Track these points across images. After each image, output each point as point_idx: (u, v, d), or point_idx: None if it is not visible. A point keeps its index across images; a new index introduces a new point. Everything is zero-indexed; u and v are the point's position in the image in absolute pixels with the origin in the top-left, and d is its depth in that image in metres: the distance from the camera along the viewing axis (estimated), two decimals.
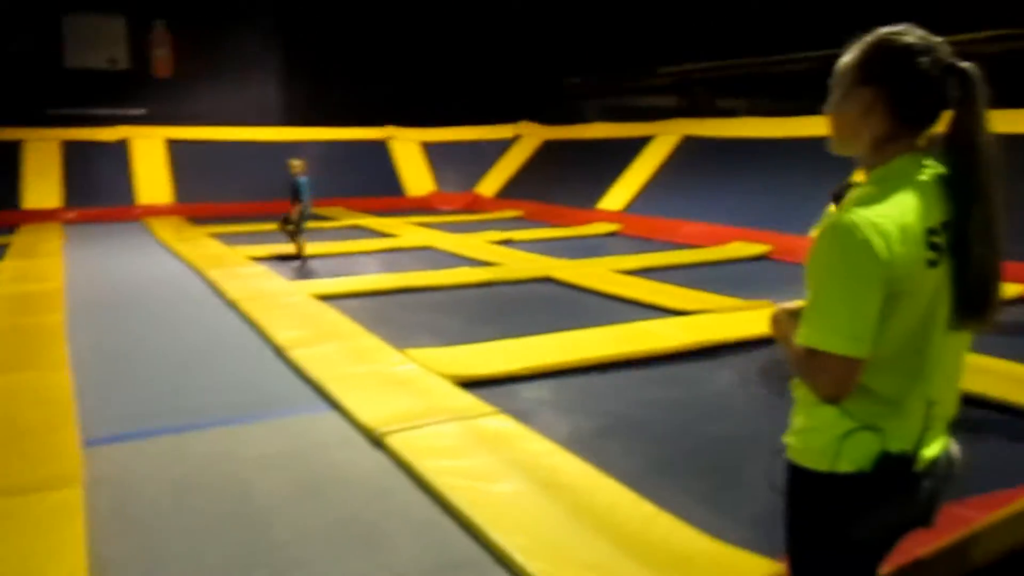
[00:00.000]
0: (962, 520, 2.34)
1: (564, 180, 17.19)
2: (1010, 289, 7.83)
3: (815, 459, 1.72)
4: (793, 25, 17.86)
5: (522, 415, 4.67)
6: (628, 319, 7.19)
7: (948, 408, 1.79)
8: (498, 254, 11.13)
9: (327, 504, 3.74)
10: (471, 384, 5.29)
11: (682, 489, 3.91)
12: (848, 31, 1.78)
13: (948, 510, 2.99)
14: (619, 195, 15.52)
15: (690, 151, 15.45)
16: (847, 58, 1.75)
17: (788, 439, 1.81)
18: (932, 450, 1.73)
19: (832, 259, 1.60)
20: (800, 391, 1.80)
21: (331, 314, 7.17)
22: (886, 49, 1.68)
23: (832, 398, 1.64)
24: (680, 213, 13.47)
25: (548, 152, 19.34)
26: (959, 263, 1.64)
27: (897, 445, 1.67)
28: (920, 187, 1.65)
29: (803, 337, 1.63)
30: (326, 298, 8.03)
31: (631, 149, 16.45)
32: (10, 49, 17.70)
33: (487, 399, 4.89)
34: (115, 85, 18.84)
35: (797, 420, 1.80)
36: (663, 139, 16.20)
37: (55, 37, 18.20)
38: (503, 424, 4.43)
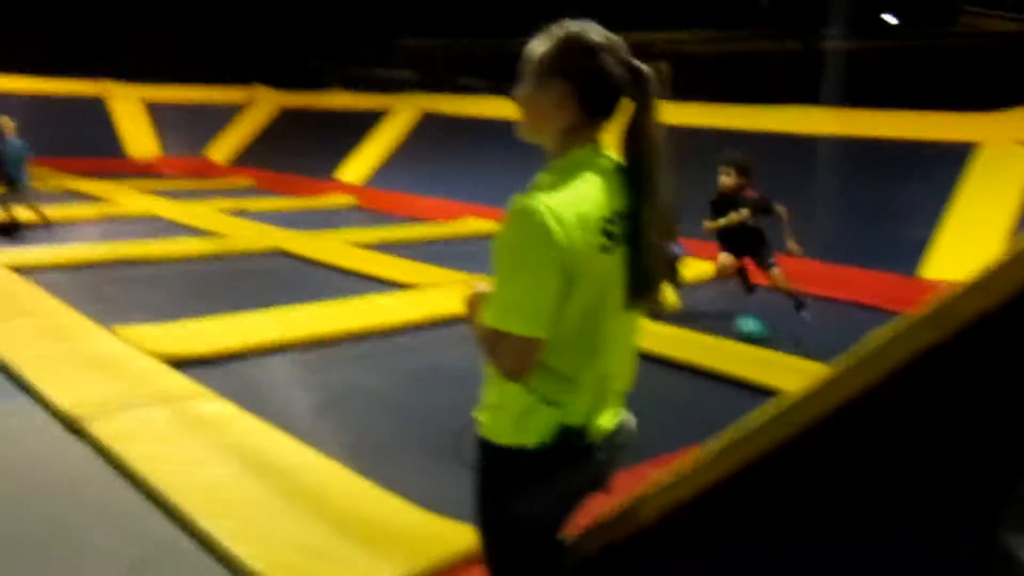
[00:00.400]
0: (640, 480, 2.53)
1: (301, 149, 16.70)
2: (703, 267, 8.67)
3: (502, 434, 1.82)
4: (534, 7, 18.47)
5: (239, 395, 4.50)
6: (360, 293, 7.15)
7: (622, 382, 1.94)
8: (227, 224, 10.61)
9: (14, 501, 3.40)
10: (186, 364, 5.02)
11: (402, 462, 3.99)
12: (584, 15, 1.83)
13: (631, 472, 3.29)
14: (357, 167, 15.35)
15: (429, 126, 15.60)
16: (538, 49, 1.81)
17: (478, 415, 1.89)
18: (606, 422, 1.88)
19: (512, 243, 1.67)
20: (489, 368, 1.87)
21: (28, 288, 6.49)
22: (576, 45, 1.77)
23: (513, 376, 1.73)
24: (418, 188, 13.57)
25: (284, 119, 18.67)
26: (632, 249, 1.77)
27: (574, 419, 1.80)
28: (598, 177, 1.76)
29: (487, 318, 1.70)
30: (25, 270, 7.24)
31: (371, 121, 16.30)
32: None
33: (202, 379, 4.67)
34: None
35: (487, 397, 1.88)
36: (402, 113, 16.20)
37: None
38: (216, 406, 4.25)
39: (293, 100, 19.12)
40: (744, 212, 6.39)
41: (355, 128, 16.25)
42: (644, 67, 1.78)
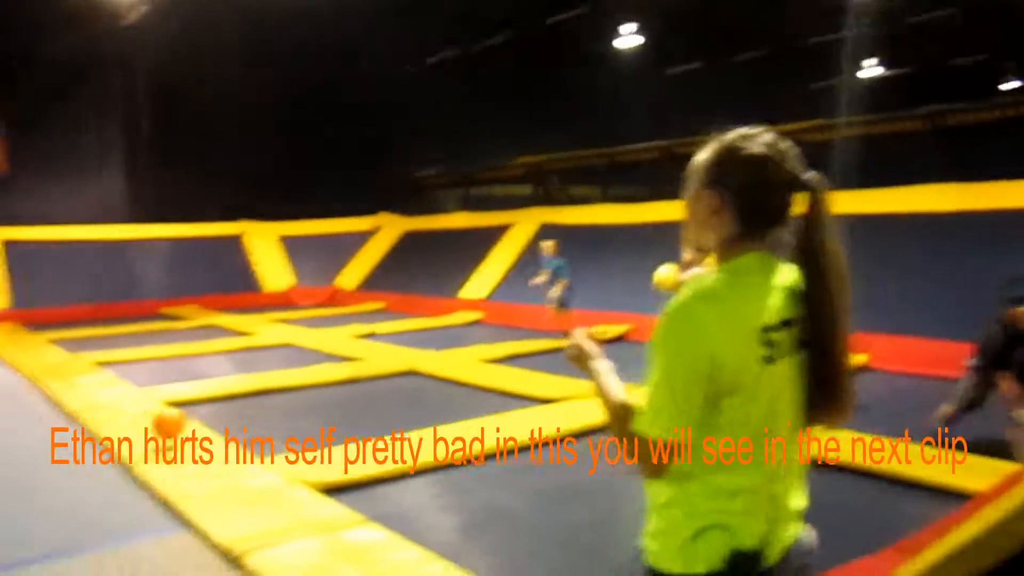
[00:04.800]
0: None
1: (425, 270, 17.22)
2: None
3: (670, 561, 1.71)
4: (637, 117, 18.88)
5: (391, 520, 4.50)
6: (496, 410, 7.16)
7: (797, 498, 1.81)
8: (361, 349, 10.93)
9: None
10: (334, 490, 5.08)
11: None
12: (690, 123, 1.83)
13: None
14: (481, 284, 15.65)
15: (548, 238, 15.81)
16: (701, 157, 1.80)
17: (643, 542, 1.79)
18: (782, 542, 1.74)
19: (665, 344, 1.65)
20: (650, 491, 1.79)
21: (184, 422, 6.76)
22: (734, 156, 1.74)
23: (654, 476, 1.69)
24: (543, 299, 13.66)
25: (408, 243, 19.38)
26: (810, 362, 1.69)
27: (747, 541, 1.67)
28: (763, 285, 1.70)
29: (636, 422, 1.67)
30: (179, 405, 7.57)
31: (490, 238, 16.72)
32: None
33: (354, 505, 4.70)
34: None
35: (650, 522, 1.79)
36: (521, 227, 16.54)
37: None
38: (370, 534, 4.24)
39: (416, 224, 19.86)
40: None
41: (476, 246, 16.67)
42: (814, 180, 1.73)
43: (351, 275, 19.18)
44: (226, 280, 18.26)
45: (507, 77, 20.88)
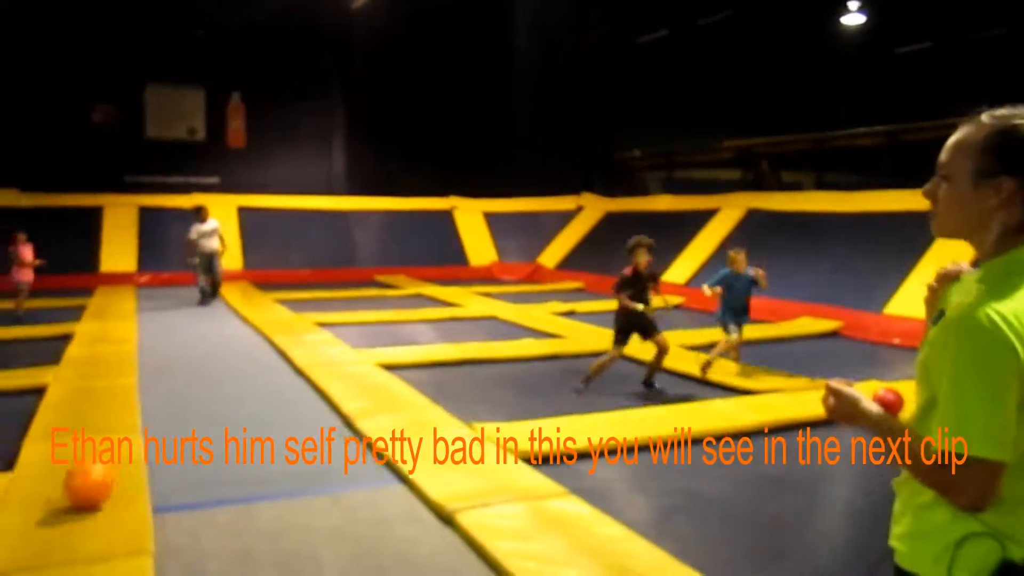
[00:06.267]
0: None
1: (626, 252, 17.13)
2: None
3: (928, 566, 1.61)
4: (858, 100, 17.81)
5: (590, 494, 4.55)
6: (695, 397, 7.07)
7: None
8: (561, 326, 11.08)
9: None
10: (537, 461, 5.20)
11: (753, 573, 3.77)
12: (912, 108, 1.71)
13: None
14: (683, 268, 15.40)
15: (755, 224, 15.30)
16: (965, 142, 1.65)
17: (896, 544, 1.71)
18: None
19: (967, 358, 1.51)
20: (905, 492, 1.69)
21: (396, 385, 7.16)
22: (1018, 136, 1.60)
23: (975, 507, 1.54)
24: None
25: (610, 224, 19.36)
26: None
27: (1021, 553, 1.55)
28: None
29: (947, 443, 1.52)
30: (390, 368, 8.03)
31: (695, 222, 16.39)
32: (94, 119, 18.57)
33: (555, 476, 4.79)
34: (191, 154, 19.54)
35: (904, 523, 1.69)
36: (727, 212, 16.10)
37: (137, 108, 19.05)
38: (572, 506, 4.31)
39: (619, 206, 19.81)
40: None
41: (680, 229, 16.38)
42: None
43: (552, 254, 19.45)
44: (435, 252, 19.07)
45: (718, 57, 20.29)
